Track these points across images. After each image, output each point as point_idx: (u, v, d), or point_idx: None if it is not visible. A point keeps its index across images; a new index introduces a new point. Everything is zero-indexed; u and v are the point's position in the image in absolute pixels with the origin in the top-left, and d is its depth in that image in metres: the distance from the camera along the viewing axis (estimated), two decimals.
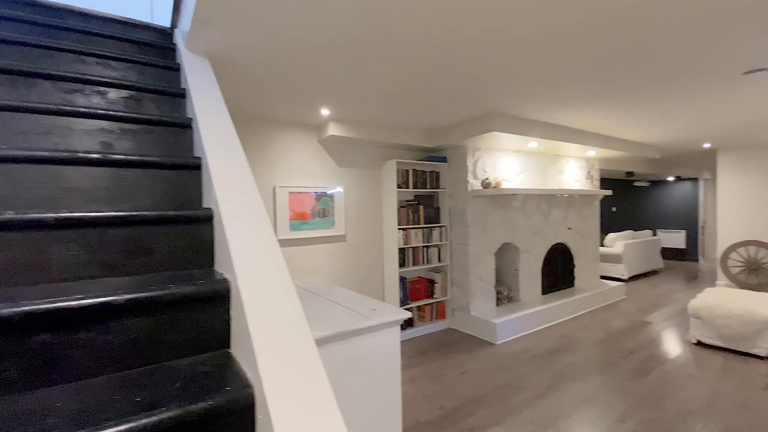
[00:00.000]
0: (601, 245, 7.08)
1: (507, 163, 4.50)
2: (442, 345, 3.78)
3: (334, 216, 3.82)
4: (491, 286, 4.29)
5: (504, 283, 4.71)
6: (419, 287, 4.13)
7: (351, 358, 1.61)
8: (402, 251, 3.99)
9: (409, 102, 2.98)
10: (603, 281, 5.62)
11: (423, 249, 4.16)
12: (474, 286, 4.13)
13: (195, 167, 1.30)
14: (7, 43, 1.53)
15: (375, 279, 4.16)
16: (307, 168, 3.71)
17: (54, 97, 1.43)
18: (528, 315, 4.10)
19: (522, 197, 4.17)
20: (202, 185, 1.30)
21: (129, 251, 1.04)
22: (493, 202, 4.29)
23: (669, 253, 8.98)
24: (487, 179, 4.18)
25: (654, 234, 9.19)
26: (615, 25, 1.75)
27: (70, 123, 1.31)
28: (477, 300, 4.15)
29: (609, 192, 5.44)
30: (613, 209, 9.26)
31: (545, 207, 4.88)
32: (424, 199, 4.27)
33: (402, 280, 4.00)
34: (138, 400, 0.72)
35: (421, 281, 4.16)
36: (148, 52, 2.01)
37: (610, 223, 9.19)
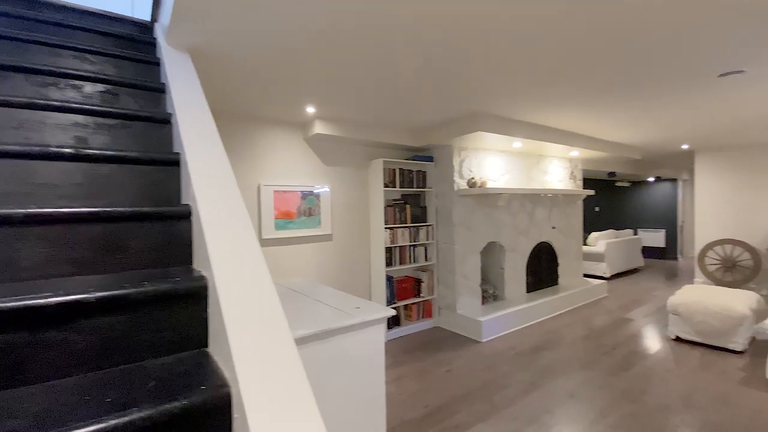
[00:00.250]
0: (584, 244, 7.21)
1: (492, 163, 4.54)
2: (428, 343, 3.79)
3: (320, 215, 3.79)
4: (477, 284, 4.32)
5: (489, 282, 4.75)
6: (406, 286, 4.13)
7: (335, 356, 1.60)
8: (389, 250, 3.99)
9: (395, 101, 2.98)
10: (586, 279, 5.73)
11: (410, 248, 4.17)
12: (460, 284, 4.16)
13: (174, 163, 1.27)
14: None
15: (362, 278, 4.14)
16: (293, 166, 3.67)
17: (27, 91, 1.39)
18: (513, 313, 4.15)
19: (507, 197, 4.21)
20: (180, 181, 1.28)
21: (103, 248, 1.00)
22: (479, 201, 4.33)
23: (649, 252, 9.21)
24: (473, 179, 4.21)
25: (635, 233, 9.40)
26: (595, 29, 1.78)
27: (43, 117, 1.27)
28: (463, 298, 4.18)
29: (592, 192, 5.55)
30: (596, 209, 9.45)
31: (530, 206, 4.94)
32: (410, 199, 4.27)
33: (389, 279, 4.00)
34: (109, 400, 0.70)
35: (408, 280, 4.16)
36: (127, 46, 1.96)
37: (592, 223, 9.37)
